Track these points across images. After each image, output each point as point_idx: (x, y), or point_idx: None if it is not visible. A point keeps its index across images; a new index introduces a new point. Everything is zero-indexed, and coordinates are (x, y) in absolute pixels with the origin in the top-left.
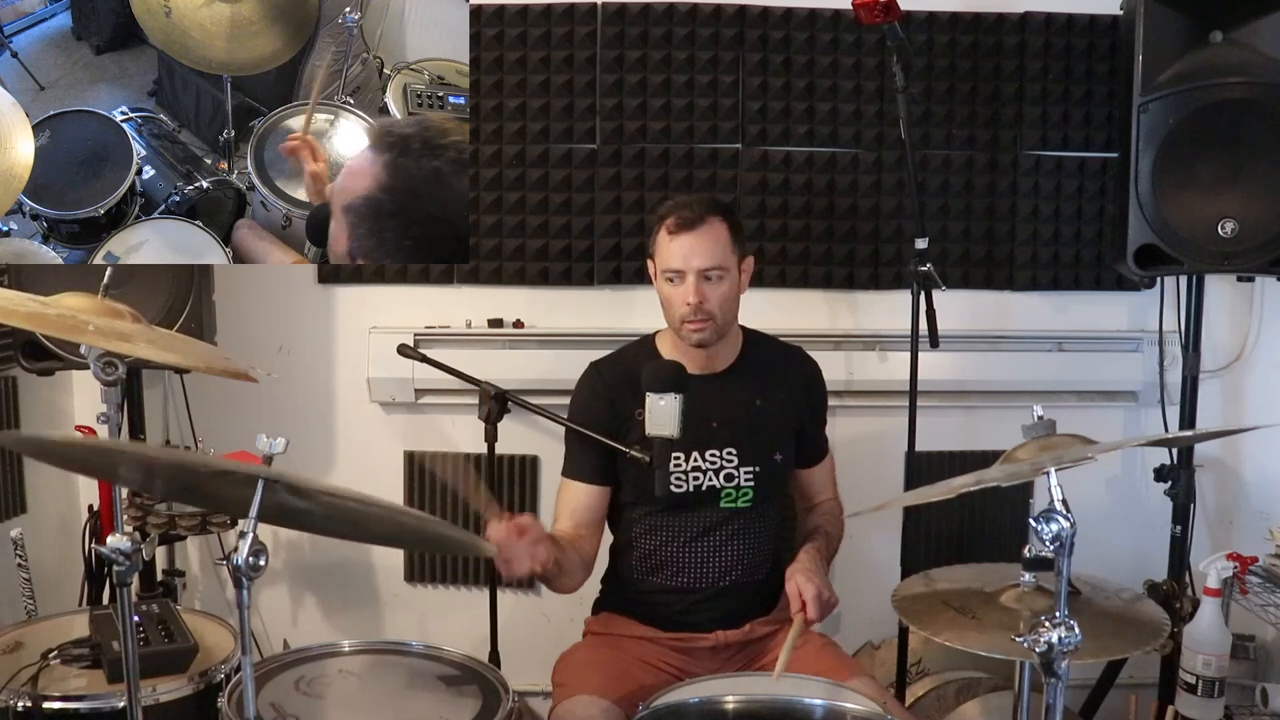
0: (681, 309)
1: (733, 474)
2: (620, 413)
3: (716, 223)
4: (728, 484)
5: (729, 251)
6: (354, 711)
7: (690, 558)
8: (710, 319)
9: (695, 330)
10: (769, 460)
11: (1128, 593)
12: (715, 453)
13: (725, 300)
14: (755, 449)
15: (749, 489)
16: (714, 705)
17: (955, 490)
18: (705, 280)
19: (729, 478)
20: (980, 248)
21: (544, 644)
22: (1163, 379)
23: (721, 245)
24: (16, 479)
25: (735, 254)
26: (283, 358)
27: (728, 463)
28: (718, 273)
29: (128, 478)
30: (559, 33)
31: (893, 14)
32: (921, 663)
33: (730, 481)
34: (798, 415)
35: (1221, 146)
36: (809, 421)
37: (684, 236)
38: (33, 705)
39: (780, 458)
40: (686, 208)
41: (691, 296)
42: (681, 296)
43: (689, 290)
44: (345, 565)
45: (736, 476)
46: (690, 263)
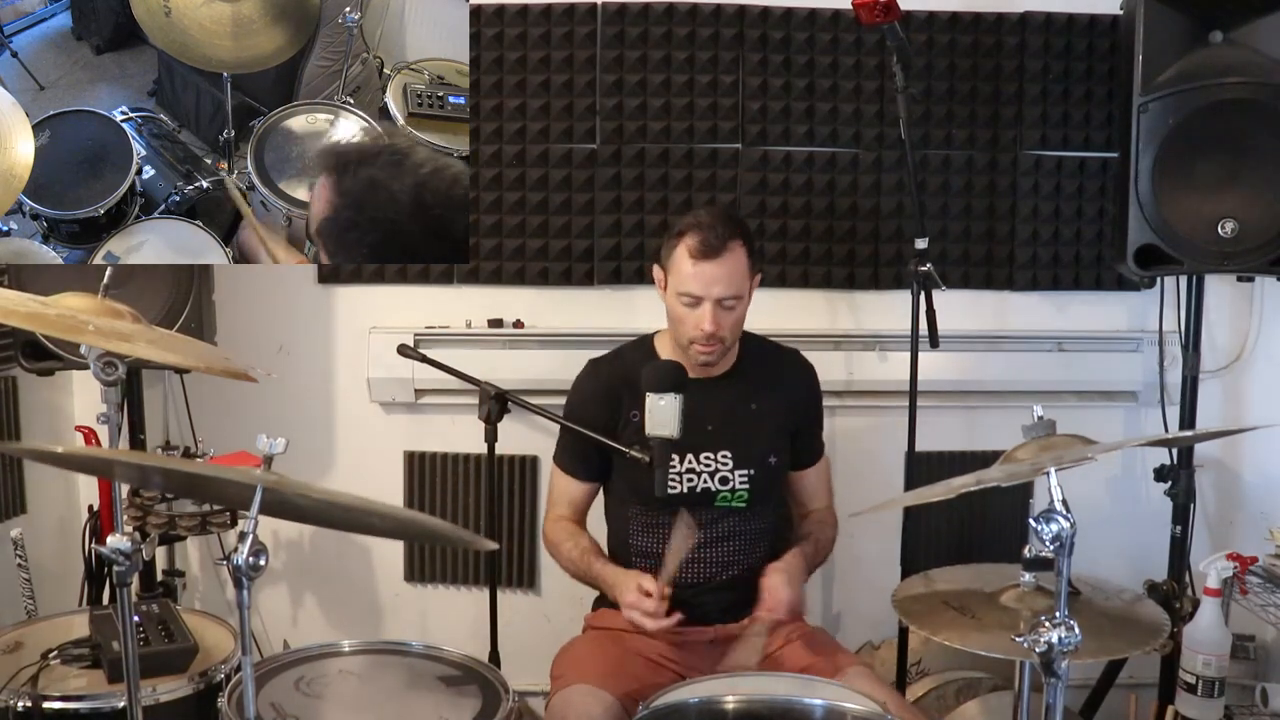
0: (694, 332)
1: (728, 477)
2: (616, 412)
3: (738, 248)
4: (723, 486)
5: (747, 277)
6: (354, 711)
7: (688, 555)
8: (721, 343)
9: (706, 353)
10: (764, 463)
11: (1128, 593)
12: (710, 455)
13: (738, 324)
14: (750, 452)
15: (744, 491)
16: (714, 705)
17: (955, 490)
18: (722, 308)
19: (724, 480)
20: (980, 248)
21: (544, 644)
22: (1163, 379)
23: (740, 272)
24: (16, 479)
25: (750, 277)
26: (282, 358)
27: (723, 465)
28: (734, 301)
29: (127, 476)
30: (559, 33)
31: (893, 14)
32: (921, 663)
33: (725, 484)
34: (793, 418)
35: (1221, 146)
36: (804, 424)
37: (706, 265)
38: (33, 705)
39: (775, 460)
40: (711, 230)
41: (708, 324)
42: (696, 321)
43: (705, 317)
44: (345, 565)
45: (731, 479)
46: (711, 291)
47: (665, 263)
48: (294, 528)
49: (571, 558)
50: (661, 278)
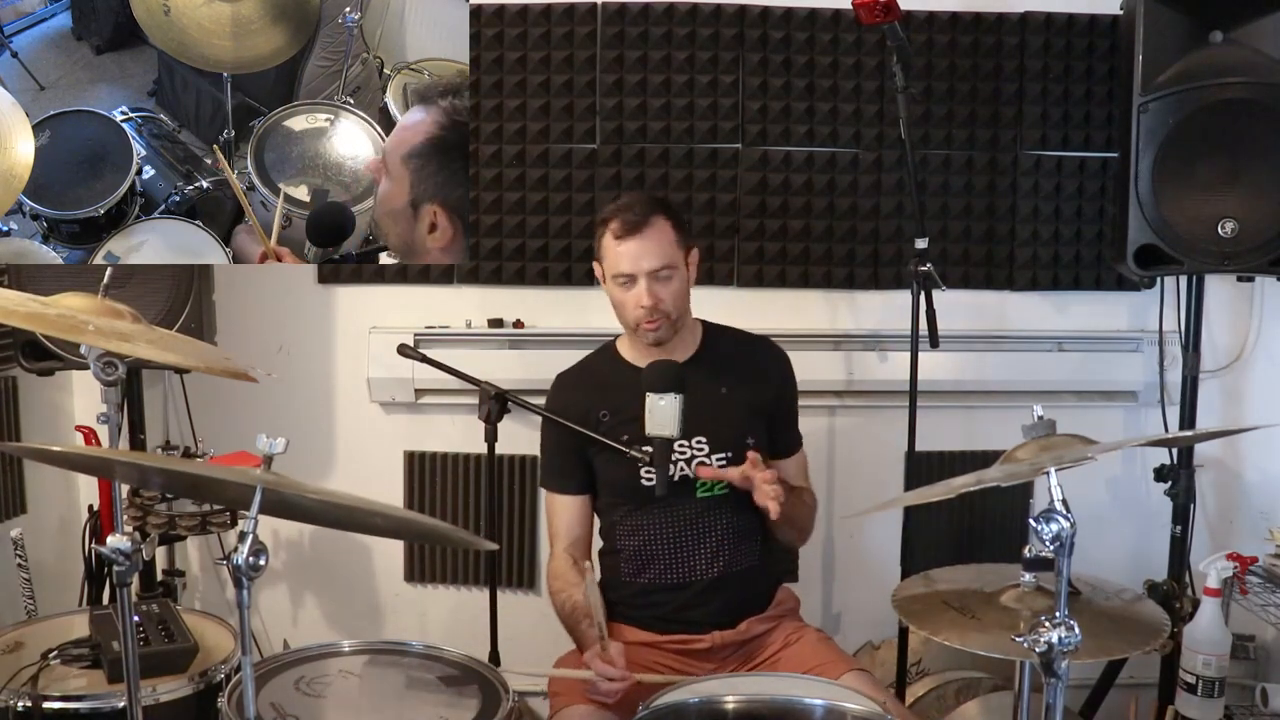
0: (636, 312)
1: (705, 462)
2: (587, 417)
3: (660, 221)
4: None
5: (676, 248)
6: (354, 711)
7: (677, 551)
8: (665, 316)
9: (652, 329)
10: (741, 445)
11: (1128, 593)
12: (684, 442)
13: (678, 296)
14: (725, 435)
15: None
16: (714, 705)
17: (955, 490)
18: (656, 280)
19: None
20: (980, 248)
21: (544, 644)
22: (1163, 379)
23: (668, 244)
24: (16, 479)
25: (681, 249)
26: (283, 358)
27: (699, 451)
28: (667, 272)
29: (127, 476)
30: (559, 33)
31: (893, 14)
32: (921, 663)
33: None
34: (767, 402)
35: (1221, 146)
36: (779, 409)
37: (630, 241)
38: (33, 705)
39: (753, 442)
40: (629, 210)
41: (645, 299)
42: (635, 299)
43: (642, 293)
44: (345, 565)
45: (709, 464)
46: (640, 265)
47: (598, 254)
48: (294, 528)
49: (565, 609)
50: (600, 271)
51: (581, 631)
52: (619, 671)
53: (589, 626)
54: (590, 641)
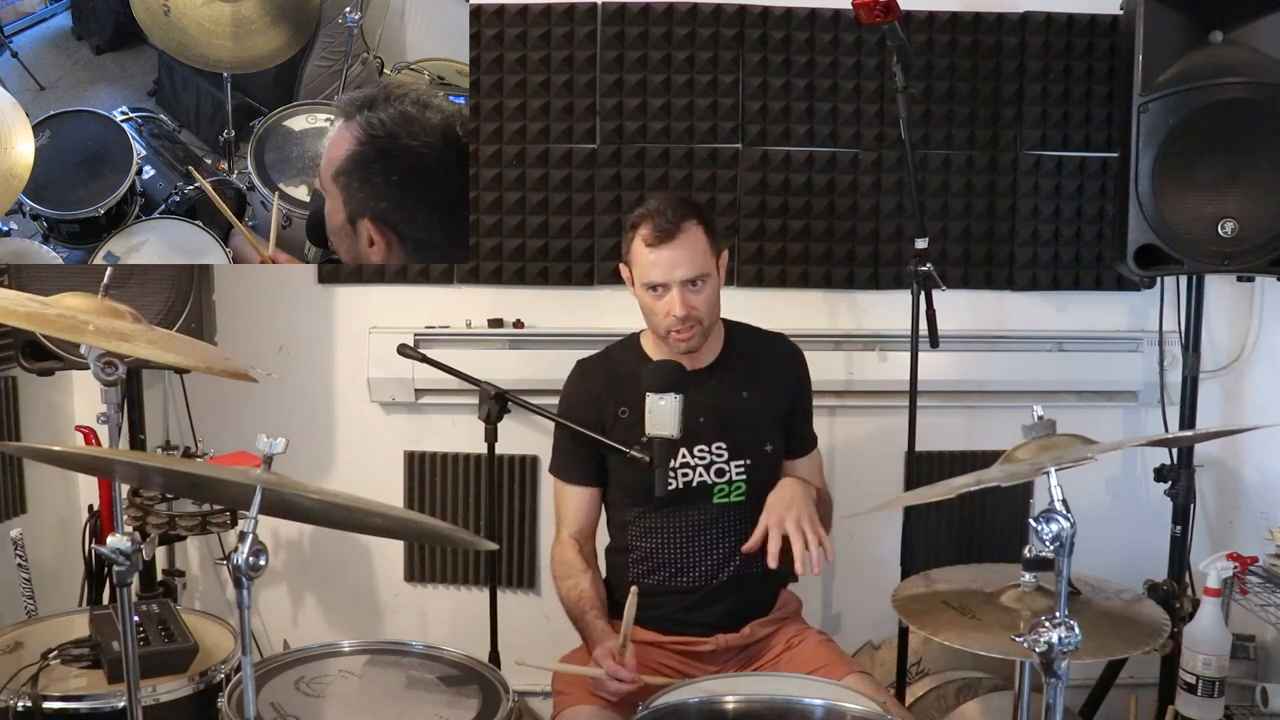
0: (668, 320)
1: (724, 469)
2: (605, 412)
3: (693, 227)
4: (719, 479)
5: (709, 254)
6: (354, 711)
7: (688, 556)
8: (698, 324)
9: (684, 339)
10: (760, 452)
11: (1128, 593)
12: (704, 448)
13: (710, 304)
14: (745, 442)
15: (741, 483)
16: (714, 705)
17: (955, 490)
18: (689, 289)
19: (720, 473)
20: (980, 248)
21: (544, 644)
22: (1163, 379)
23: (701, 251)
24: (16, 479)
25: (713, 254)
26: (283, 358)
27: (718, 457)
28: (700, 280)
29: (127, 476)
30: (559, 33)
31: (893, 14)
32: (921, 663)
33: (722, 476)
34: (785, 404)
35: (1221, 146)
36: (795, 410)
37: (663, 249)
38: (33, 705)
39: (771, 449)
40: (660, 215)
41: (679, 309)
42: (666, 308)
43: (675, 302)
44: (345, 565)
45: (728, 471)
46: (673, 275)
47: (627, 258)
48: (294, 528)
49: (570, 597)
50: (628, 274)
51: (588, 621)
52: (630, 674)
53: (596, 616)
54: (596, 631)
